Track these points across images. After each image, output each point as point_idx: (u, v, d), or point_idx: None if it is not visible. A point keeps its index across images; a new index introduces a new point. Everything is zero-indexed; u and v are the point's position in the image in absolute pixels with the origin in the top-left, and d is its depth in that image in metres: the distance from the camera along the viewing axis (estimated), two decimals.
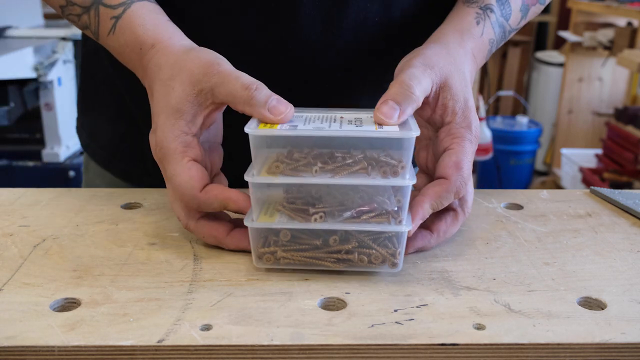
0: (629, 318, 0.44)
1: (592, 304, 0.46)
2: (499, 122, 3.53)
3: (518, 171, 3.45)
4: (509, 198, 0.66)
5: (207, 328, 0.42)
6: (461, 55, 0.57)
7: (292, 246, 0.49)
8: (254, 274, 0.49)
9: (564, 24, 3.81)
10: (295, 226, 0.49)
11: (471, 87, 0.56)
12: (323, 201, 0.49)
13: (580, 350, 0.41)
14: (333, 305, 0.46)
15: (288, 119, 0.49)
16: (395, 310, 0.44)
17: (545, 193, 0.68)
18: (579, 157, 3.10)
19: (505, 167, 3.36)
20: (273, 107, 0.49)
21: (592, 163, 3.03)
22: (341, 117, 0.51)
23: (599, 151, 3.05)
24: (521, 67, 4.09)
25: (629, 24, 3.02)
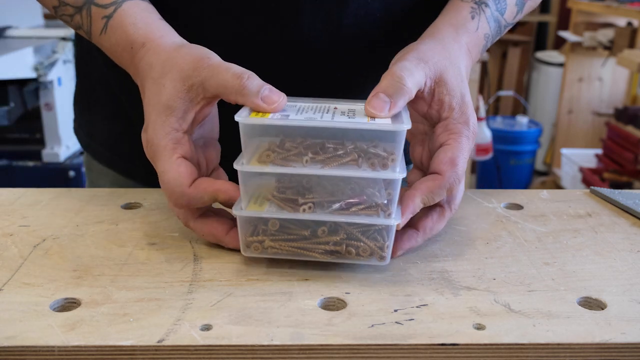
0: (629, 318, 0.44)
1: (592, 304, 0.46)
2: (499, 122, 3.52)
3: (518, 171, 3.45)
4: (509, 198, 0.66)
5: (207, 328, 0.42)
6: (456, 50, 0.56)
7: (281, 236, 0.49)
8: (254, 274, 0.49)
9: (564, 24, 3.81)
10: (283, 216, 0.48)
11: (467, 82, 0.56)
12: (313, 192, 0.49)
13: (580, 350, 0.41)
14: (333, 305, 0.46)
15: (281, 108, 0.49)
16: (395, 310, 0.44)
17: (545, 193, 0.68)
18: (579, 157, 3.10)
19: (505, 167, 3.36)
20: (266, 96, 0.49)
21: (592, 163, 3.03)
22: (335, 108, 0.51)
23: (599, 151, 3.05)
24: (521, 67, 4.09)
25: (629, 24, 3.02)
